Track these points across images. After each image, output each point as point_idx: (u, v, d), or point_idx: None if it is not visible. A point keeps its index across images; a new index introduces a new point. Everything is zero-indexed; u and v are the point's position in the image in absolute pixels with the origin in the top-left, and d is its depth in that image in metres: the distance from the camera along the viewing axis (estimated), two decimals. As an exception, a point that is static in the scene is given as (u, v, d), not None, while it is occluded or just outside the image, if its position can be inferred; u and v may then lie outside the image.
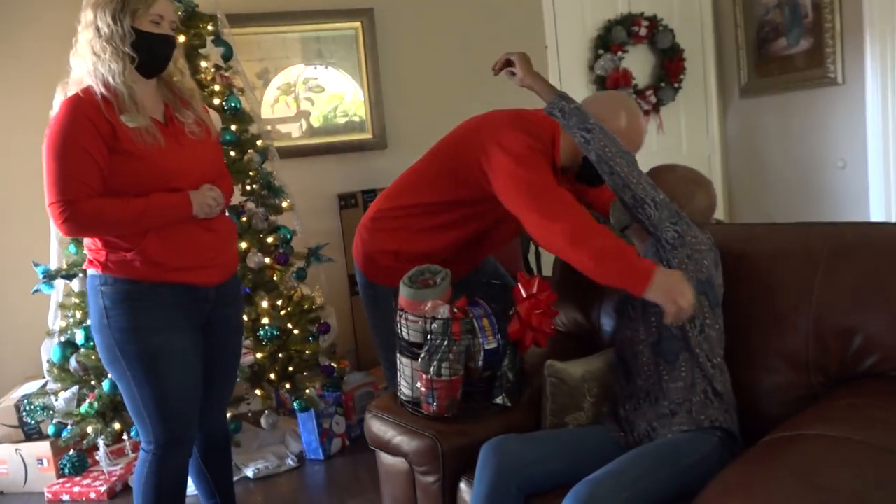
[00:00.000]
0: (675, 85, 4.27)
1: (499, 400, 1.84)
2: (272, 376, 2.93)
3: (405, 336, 1.81)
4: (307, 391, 2.96)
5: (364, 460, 2.98)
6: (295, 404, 2.96)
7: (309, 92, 3.79)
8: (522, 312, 1.76)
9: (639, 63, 4.26)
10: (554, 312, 1.82)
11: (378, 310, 2.21)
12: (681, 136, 4.40)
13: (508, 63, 2.01)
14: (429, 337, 1.75)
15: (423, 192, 2.11)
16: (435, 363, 1.75)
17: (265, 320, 2.88)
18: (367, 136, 3.85)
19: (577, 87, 4.18)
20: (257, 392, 2.92)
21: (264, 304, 2.89)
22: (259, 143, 3.09)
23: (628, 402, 1.83)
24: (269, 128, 3.51)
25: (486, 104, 3.84)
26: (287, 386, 2.94)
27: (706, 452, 1.66)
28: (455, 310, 1.76)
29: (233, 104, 2.96)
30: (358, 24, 3.77)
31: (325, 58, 3.78)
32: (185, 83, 2.00)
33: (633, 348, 1.82)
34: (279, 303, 2.98)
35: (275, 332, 2.89)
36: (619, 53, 4.13)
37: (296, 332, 2.98)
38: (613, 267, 1.72)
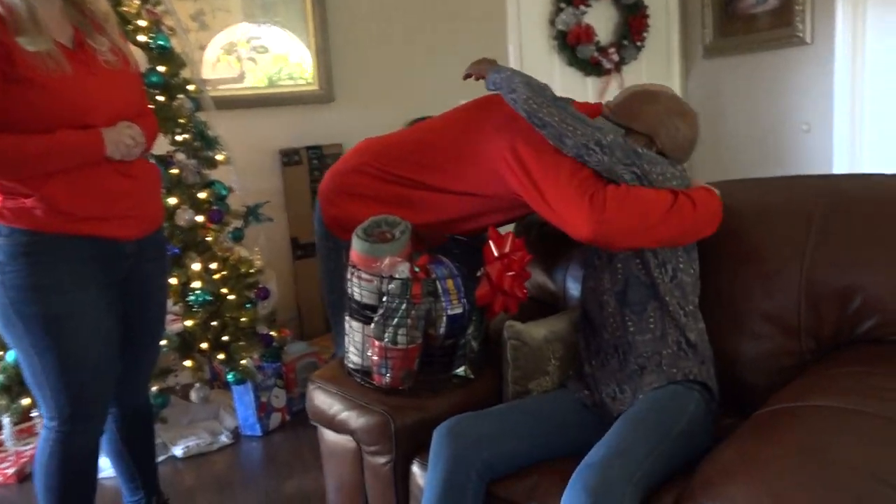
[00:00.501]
0: (638, 43, 4.11)
1: (460, 371, 1.65)
2: (204, 346, 2.67)
3: (357, 296, 1.60)
4: (243, 362, 2.71)
5: (307, 436, 2.76)
6: (229, 376, 2.72)
7: (252, 52, 3.50)
8: (493, 274, 1.57)
9: (602, 19, 4.07)
10: (527, 275, 1.63)
11: (336, 264, 1.99)
12: (642, 97, 4.25)
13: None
14: (384, 299, 1.55)
15: (442, 176, 1.83)
16: (390, 329, 1.54)
17: (196, 284, 2.62)
18: (313, 87, 3.57)
19: (538, 43, 3.98)
20: (187, 363, 2.67)
21: (195, 266, 2.63)
22: (191, 88, 2.79)
23: (594, 358, 1.67)
24: (204, 77, 3.21)
25: (440, 56, 3.60)
26: (221, 356, 2.69)
27: (693, 412, 1.50)
28: (416, 269, 1.55)
29: (160, 42, 2.65)
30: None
31: (270, 15, 3.48)
32: (99, 4, 1.73)
33: (598, 298, 1.66)
34: (213, 265, 2.71)
35: (207, 298, 2.63)
36: (582, 7, 3.94)
37: (231, 297, 2.73)
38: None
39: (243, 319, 2.75)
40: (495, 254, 1.59)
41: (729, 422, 1.60)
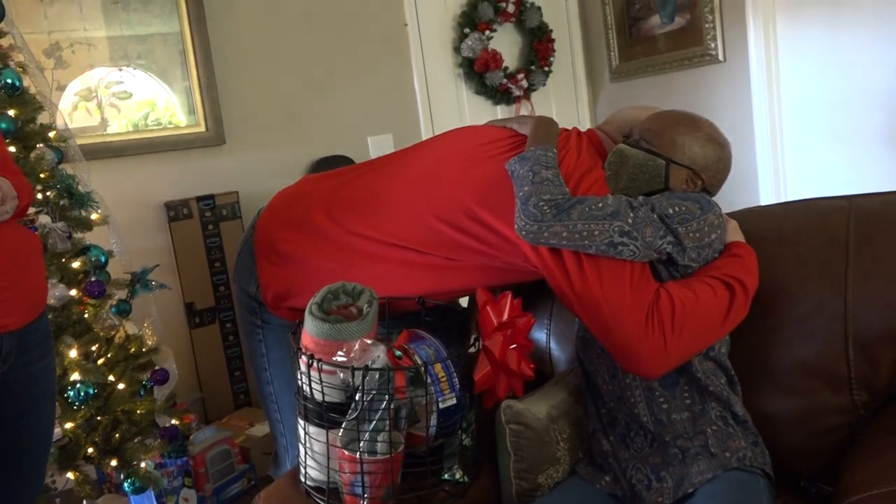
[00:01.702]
0: (546, 69, 3.91)
1: (456, 475, 1.28)
2: (90, 451, 2.14)
3: (314, 395, 1.20)
4: (142, 465, 2.20)
5: (228, 546, 2.27)
6: (126, 485, 2.19)
7: (114, 98, 2.99)
8: (495, 350, 1.21)
9: (507, 43, 3.84)
10: (531, 345, 1.28)
11: (271, 348, 1.59)
12: (553, 124, 4.05)
13: None
14: (357, 396, 1.15)
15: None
16: (367, 435, 1.15)
17: (75, 376, 2.09)
18: (199, 129, 3.10)
19: (443, 71, 3.70)
20: (70, 475, 2.13)
21: (72, 353, 2.11)
22: (52, 135, 2.29)
23: (611, 431, 1.36)
24: (66, 123, 2.68)
25: (340, 90, 3.23)
26: (113, 462, 2.17)
27: None
28: (396, 352, 1.17)
29: (8, 80, 2.14)
30: (179, -9, 3.03)
31: (138, 55, 2.99)
32: None
33: (608, 364, 1.35)
34: (94, 349, 2.20)
35: (90, 391, 2.11)
36: (487, 32, 3.69)
37: (121, 386, 2.22)
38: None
39: (138, 411, 2.24)
40: (494, 322, 1.23)
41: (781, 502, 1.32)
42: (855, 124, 3.15)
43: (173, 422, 2.36)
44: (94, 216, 2.33)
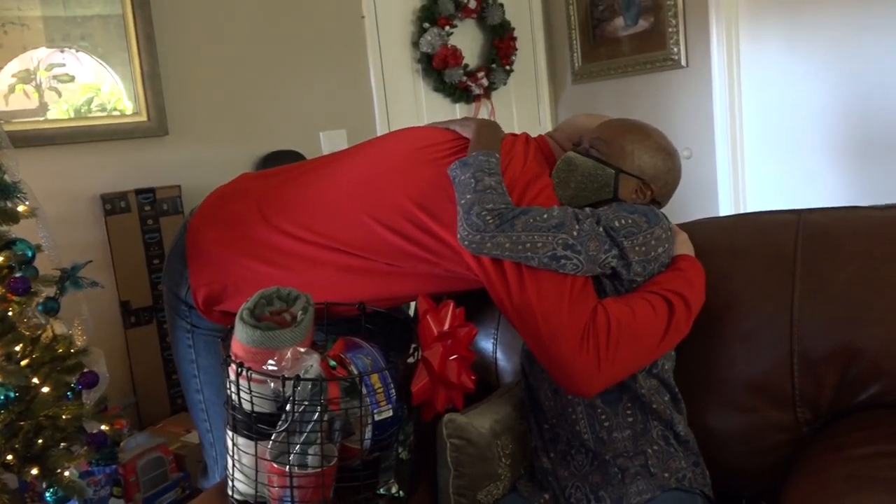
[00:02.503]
0: (507, 67, 3.92)
1: (392, 490, 1.27)
2: (10, 458, 2.08)
3: (243, 405, 1.18)
4: (67, 473, 2.14)
5: (157, 559, 2.23)
6: (48, 495, 2.13)
7: (54, 81, 2.92)
8: (434, 361, 1.21)
9: (468, 40, 3.85)
10: (472, 356, 1.28)
11: (200, 353, 1.57)
12: (513, 125, 4.07)
13: None
14: (288, 407, 1.14)
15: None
16: (298, 448, 1.14)
17: (-4, 377, 2.04)
18: (140, 119, 3.04)
19: (400, 66, 3.69)
20: (-13, 484, 2.06)
21: (-6, 353, 2.05)
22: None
23: (552, 448, 1.37)
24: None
25: (293, 83, 3.21)
26: (34, 471, 2.11)
27: None
28: (330, 361, 1.16)
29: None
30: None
31: (77, 37, 2.92)
32: None
33: (556, 384, 1.35)
34: (17, 349, 2.13)
35: (11, 394, 2.04)
36: (447, 28, 3.69)
37: (45, 389, 2.15)
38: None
39: (64, 416, 2.17)
40: (434, 331, 1.23)
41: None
42: (814, 134, 3.23)
43: (102, 427, 2.31)
44: (20, 208, 2.26)
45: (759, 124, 3.41)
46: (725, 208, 3.48)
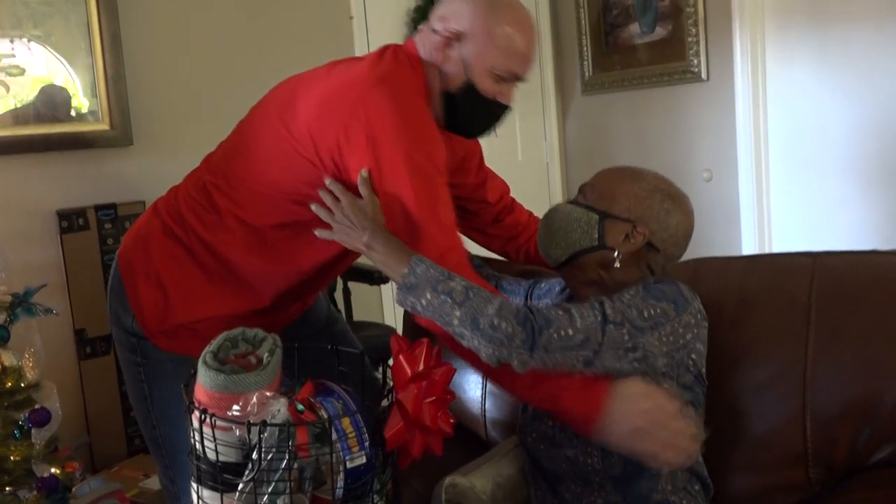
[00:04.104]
0: (510, 75, 4.01)
1: (365, 546, 1.32)
2: (-49, 502, 2.14)
3: (208, 455, 1.24)
4: (12, 520, 2.20)
5: None
6: (-9, 545, 2.19)
7: (3, 75, 2.99)
8: (408, 404, 1.26)
9: (467, 47, 3.94)
10: (450, 397, 1.34)
11: (159, 387, 1.64)
12: (516, 139, 4.16)
13: None
14: (254, 455, 1.20)
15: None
16: (266, 499, 1.19)
17: (-62, 413, 2.10)
18: (102, 126, 3.11)
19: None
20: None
21: (-64, 386, 2.11)
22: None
23: None
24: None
25: (276, 81, 3.28)
26: (-23, 517, 2.17)
27: None
28: (298, 406, 1.22)
29: None
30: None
31: (31, 26, 2.99)
32: None
33: (576, 467, 1.42)
34: (-38, 382, 2.20)
35: (-45, 432, 2.11)
36: (445, 35, 3.78)
37: (-8, 427, 2.22)
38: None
39: (13, 458, 2.25)
40: (408, 372, 1.29)
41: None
42: (842, 157, 3.32)
43: (53, 471, 2.37)
44: (-31, 225, 2.34)
45: (784, 144, 3.51)
46: (748, 235, 3.56)
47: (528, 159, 4.23)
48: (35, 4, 3.00)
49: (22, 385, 2.35)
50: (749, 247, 3.56)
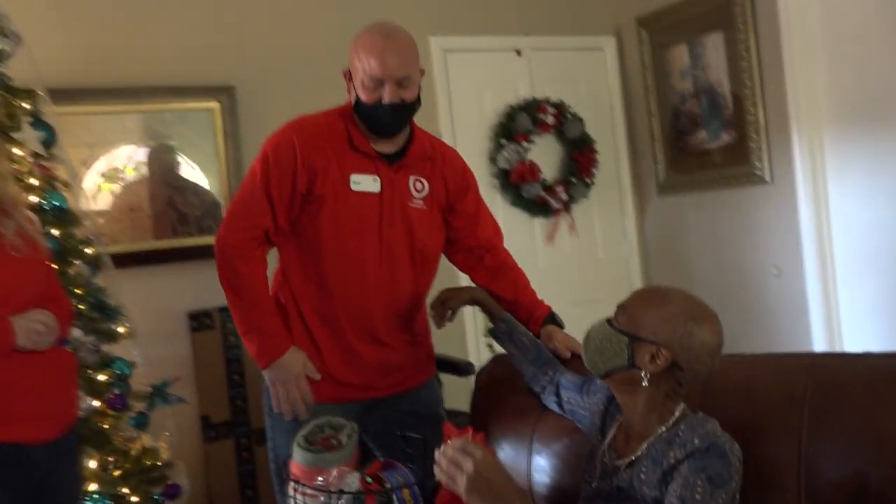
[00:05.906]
0: (588, 180, 4.40)
1: None
2: (100, 564, 2.60)
3: (300, 517, 1.64)
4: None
5: None
6: None
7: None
8: (452, 481, 1.64)
9: (546, 155, 4.36)
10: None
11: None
12: (595, 237, 4.51)
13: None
14: (334, 517, 1.59)
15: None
16: (342, 552, 1.58)
17: (93, 486, 2.58)
18: (226, 239, 3.65)
19: (480, 183, 4.19)
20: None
21: (92, 463, 2.60)
22: (89, 250, 2.85)
23: None
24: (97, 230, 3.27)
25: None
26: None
27: None
28: (367, 479, 1.61)
29: (55, 203, 2.73)
30: (215, 105, 3.65)
31: (164, 138, 3.60)
32: (8, 188, 1.86)
33: None
34: (111, 460, 2.69)
35: (105, 503, 2.59)
36: (524, 143, 4.22)
37: (134, 499, 2.69)
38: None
39: (148, 527, 2.71)
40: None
41: None
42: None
43: (182, 540, 2.82)
44: (120, 329, 2.86)
45: (850, 242, 3.70)
46: (817, 329, 3.74)
47: (608, 255, 4.55)
48: (173, 125, 3.61)
49: (157, 463, 2.83)
50: (819, 341, 3.73)
